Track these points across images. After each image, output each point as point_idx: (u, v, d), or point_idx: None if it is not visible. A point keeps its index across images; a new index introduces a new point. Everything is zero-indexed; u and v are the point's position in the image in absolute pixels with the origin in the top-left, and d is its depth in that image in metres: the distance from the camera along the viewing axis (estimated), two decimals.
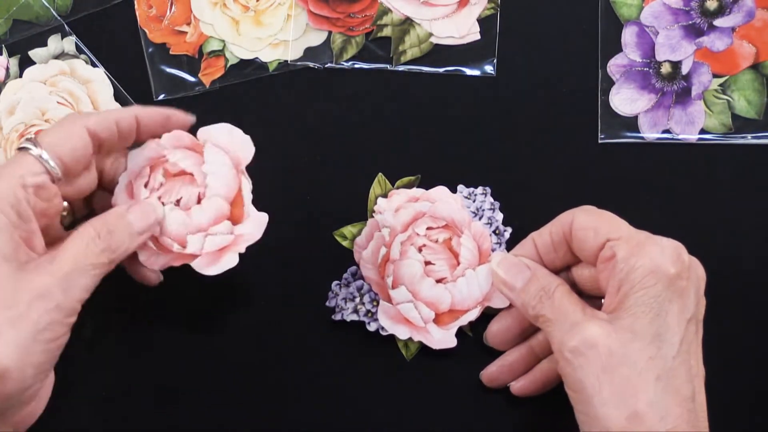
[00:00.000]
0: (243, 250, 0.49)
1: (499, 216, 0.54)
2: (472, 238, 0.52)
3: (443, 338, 0.52)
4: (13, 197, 0.43)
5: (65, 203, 0.49)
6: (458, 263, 0.52)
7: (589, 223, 0.46)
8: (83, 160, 0.47)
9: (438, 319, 0.52)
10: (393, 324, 0.52)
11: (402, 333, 0.52)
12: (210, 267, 0.48)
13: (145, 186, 0.50)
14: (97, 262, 0.44)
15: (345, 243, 0.55)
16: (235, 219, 0.49)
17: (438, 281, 0.52)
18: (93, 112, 0.48)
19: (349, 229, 0.55)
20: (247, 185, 0.49)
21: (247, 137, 0.50)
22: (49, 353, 0.43)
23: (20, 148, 0.45)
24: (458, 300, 0.51)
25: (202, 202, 0.49)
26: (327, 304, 0.54)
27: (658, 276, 0.43)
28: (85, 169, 0.48)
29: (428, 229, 0.52)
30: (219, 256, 0.49)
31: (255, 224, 0.49)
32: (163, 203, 0.49)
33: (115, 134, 0.48)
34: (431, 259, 0.52)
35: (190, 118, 0.51)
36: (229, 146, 0.50)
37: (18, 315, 0.41)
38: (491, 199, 0.55)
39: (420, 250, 0.52)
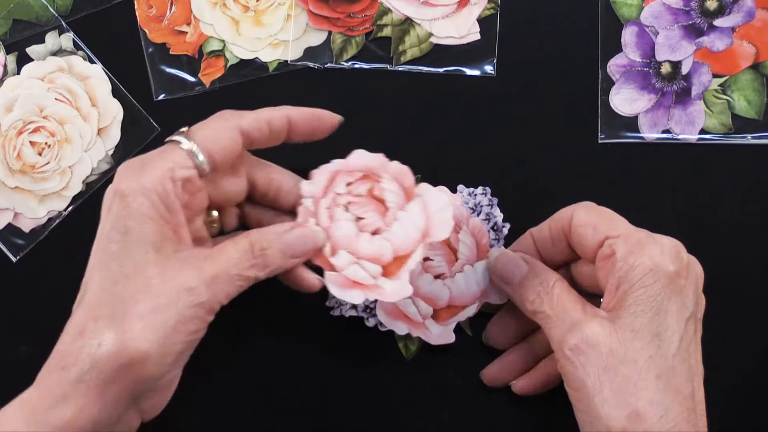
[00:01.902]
0: (369, 299, 0.48)
1: (498, 212, 0.54)
2: (470, 233, 0.52)
3: (442, 334, 0.51)
4: (162, 188, 0.44)
5: (215, 213, 0.50)
6: (456, 259, 0.52)
7: (589, 220, 0.46)
8: (232, 157, 0.47)
9: (436, 315, 0.52)
10: (391, 320, 0.51)
11: (400, 329, 0.51)
12: (336, 287, 0.48)
13: (347, 185, 0.50)
14: (245, 274, 0.45)
15: None
16: (386, 272, 0.48)
17: (436, 277, 0.52)
18: (246, 112, 0.48)
19: None
20: (418, 256, 0.48)
21: (452, 222, 0.48)
22: (187, 344, 0.43)
23: (171, 141, 0.46)
24: (456, 296, 0.51)
25: (375, 237, 0.49)
26: (326, 304, 0.54)
27: (658, 275, 0.43)
28: (233, 170, 0.49)
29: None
30: (350, 286, 0.48)
31: (397, 289, 0.48)
32: (346, 208, 0.49)
33: (266, 134, 0.48)
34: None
35: (338, 118, 0.51)
36: (433, 216, 0.49)
37: (166, 303, 0.42)
38: (489, 196, 0.54)
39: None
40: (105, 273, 0.43)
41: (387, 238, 0.49)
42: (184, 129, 0.46)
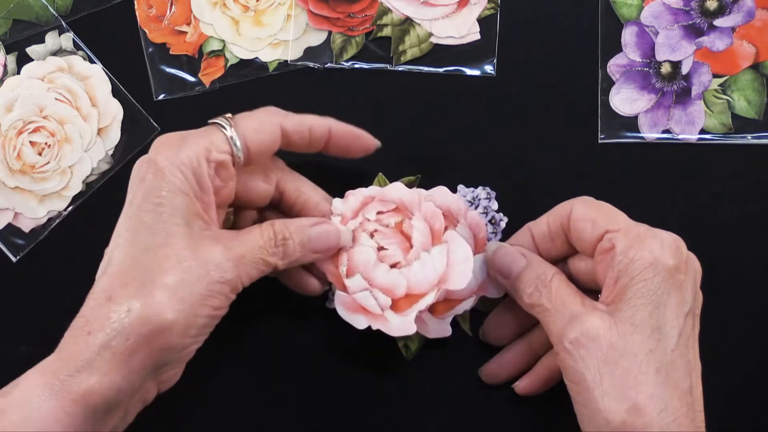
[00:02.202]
0: (372, 327, 0.49)
1: (495, 206, 0.54)
2: (467, 227, 0.52)
3: (439, 328, 0.50)
4: (197, 165, 0.44)
5: (230, 209, 0.50)
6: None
7: (588, 214, 0.47)
8: (267, 153, 0.48)
9: (433, 309, 0.51)
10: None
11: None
12: (343, 308, 0.49)
13: (378, 213, 0.51)
14: (267, 260, 0.46)
15: None
16: (395, 306, 0.49)
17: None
18: (291, 113, 0.49)
19: None
20: (430, 299, 0.49)
21: (470, 275, 0.49)
22: (210, 319, 0.44)
23: (214, 123, 0.47)
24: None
25: (393, 270, 0.50)
26: (327, 305, 0.54)
27: (657, 269, 0.43)
28: (264, 174, 0.50)
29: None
30: (356, 310, 0.49)
31: (402, 325, 0.49)
32: (372, 236, 0.50)
33: (306, 139, 0.49)
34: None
35: (375, 143, 0.52)
36: (453, 265, 0.50)
37: (194, 276, 0.43)
38: (488, 189, 0.54)
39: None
40: (134, 241, 0.43)
41: (405, 274, 0.50)
42: (229, 115, 0.47)
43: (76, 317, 0.43)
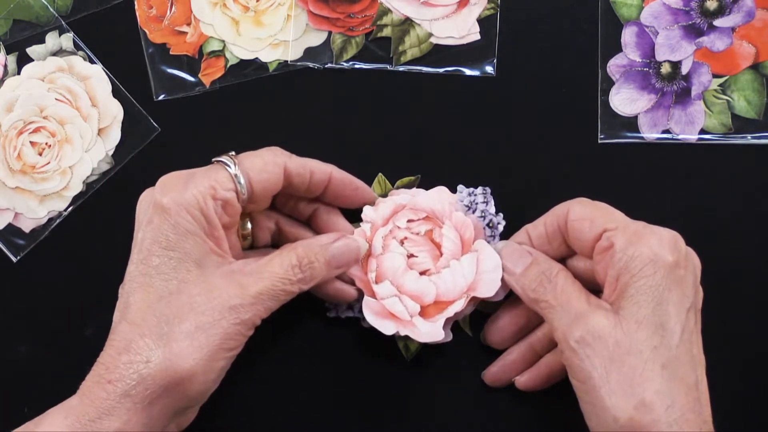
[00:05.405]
0: (399, 333, 0.50)
1: (493, 208, 0.54)
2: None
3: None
4: (204, 204, 0.45)
5: (249, 226, 0.51)
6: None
7: (585, 214, 0.47)
8: (270, 193, 0.48)
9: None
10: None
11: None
12: (371, 313, 0.50)
13: (409, 221, 0.52)
14: (289, 290, 0.46)
15: None
16: (424, 313, 0.50)
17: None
18: (294, 156, 0.49)
19: None
20: (458, 306, 0.50)
21: (499, 284, 0.50)
22: (227, 361, 0.44)
23: (218, 161, 0.47)
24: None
25: (422, 276, 0.51)
26: (327, 314, 0.54)
27: (657, 265, 0.43)
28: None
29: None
30: (385, 316, 0.50)
31: (431, 331, 0.50)
32: (402, 243, 0.51)
33: (306, 183, 0.49)
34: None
35: (374, 196, 0.53)
36: (483, 273, 0.50)
37: (210, 322, 0.43)
38: (486, 191, 0.54)
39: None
40: (148, 288, 0.44)
41: (434, 281, 0.50)
42: (232, 153, 0.47)
43: (96, 362, 0.43)
